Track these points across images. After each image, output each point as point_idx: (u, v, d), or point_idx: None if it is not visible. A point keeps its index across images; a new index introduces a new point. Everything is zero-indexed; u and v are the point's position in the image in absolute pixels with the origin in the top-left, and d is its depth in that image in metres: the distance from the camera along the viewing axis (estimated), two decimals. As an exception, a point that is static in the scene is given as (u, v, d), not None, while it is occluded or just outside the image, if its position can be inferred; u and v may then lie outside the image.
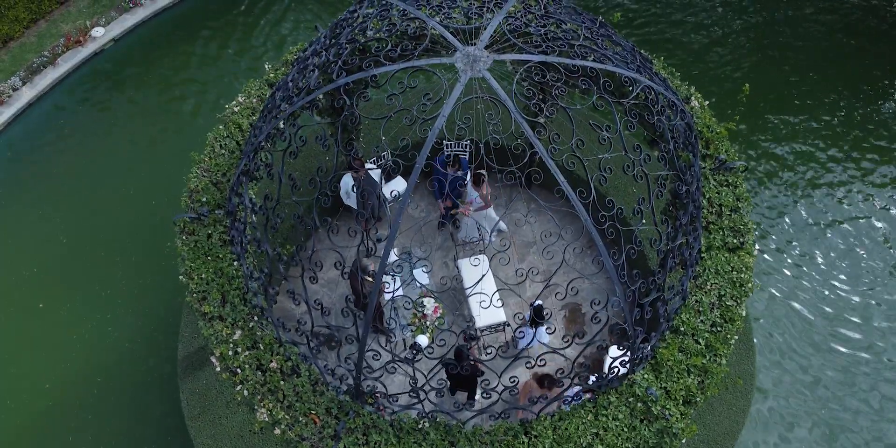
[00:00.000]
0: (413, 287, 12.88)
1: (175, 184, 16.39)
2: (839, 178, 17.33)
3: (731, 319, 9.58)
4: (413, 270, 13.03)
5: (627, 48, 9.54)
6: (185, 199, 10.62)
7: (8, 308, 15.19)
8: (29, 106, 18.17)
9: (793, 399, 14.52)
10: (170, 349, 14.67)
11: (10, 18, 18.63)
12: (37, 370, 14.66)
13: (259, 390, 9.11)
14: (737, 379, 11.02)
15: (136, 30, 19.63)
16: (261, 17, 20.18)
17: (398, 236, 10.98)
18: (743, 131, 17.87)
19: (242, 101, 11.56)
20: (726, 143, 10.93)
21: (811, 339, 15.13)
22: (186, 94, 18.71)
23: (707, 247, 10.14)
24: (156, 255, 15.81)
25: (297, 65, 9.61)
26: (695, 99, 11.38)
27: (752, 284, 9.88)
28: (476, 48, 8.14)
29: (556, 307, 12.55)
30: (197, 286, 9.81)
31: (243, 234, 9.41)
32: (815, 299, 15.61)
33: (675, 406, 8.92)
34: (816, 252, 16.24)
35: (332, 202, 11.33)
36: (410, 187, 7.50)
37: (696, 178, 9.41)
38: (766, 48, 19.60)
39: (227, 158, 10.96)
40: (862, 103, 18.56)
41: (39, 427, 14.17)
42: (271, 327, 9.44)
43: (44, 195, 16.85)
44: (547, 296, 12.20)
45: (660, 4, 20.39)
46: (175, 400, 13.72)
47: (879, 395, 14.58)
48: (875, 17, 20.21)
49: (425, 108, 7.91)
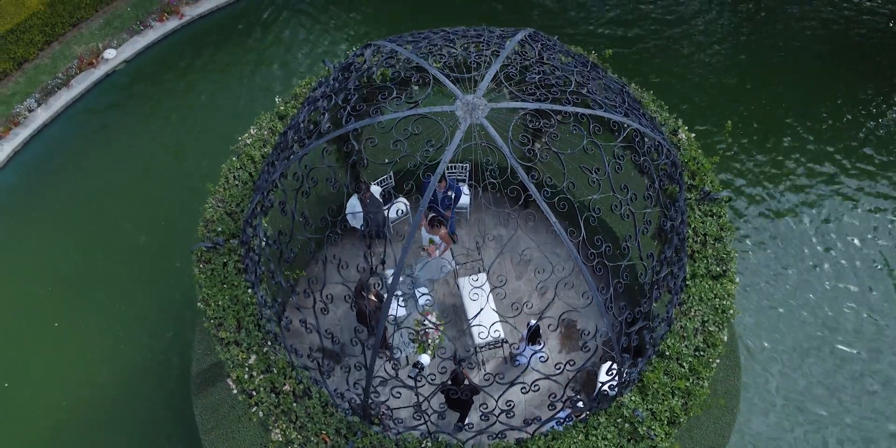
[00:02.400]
0: (414, 305, 13.53)
1: (184, 203, 17.18)
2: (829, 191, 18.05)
3: (713, 344, 10.25)
4: (415, 289, 13.68)
5: (616, 89, 10.21)
6: (201, 229, 11.27)
7: (26, 326, 15.84)
8: (44, 126, 18.84)
9: (776, 414, 15.18)
10: (181, 365, 15.37)
11: (25, 41, 19.29)
12: (54, 387, 15.29)
13: (273, 411, 9.78)
14: (719, 400, 11.65)
15: (146, 51, 20.30)
16: (264, 38, 20.84)
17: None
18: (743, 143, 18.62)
19: (254, 133, 12.22)
20: (711, 175, 11.59)
21: (799, 353, 15.81)
22: (196, 114, 19.37)
23: (692, 274, 10.80)
24: (166, 273, 16.48)
25: (307, 105, 10.28)
26: (682, 131, 12.05)
27: (733, 310, 10.55)
28: (475, 96, 8.80)
29: (552, 324, 13.16)
30: (214, 313, 10.47)
31: (258, 264, 10.08)
32: (802, 314, 16.29)
33: (660, 426, 9.59)
34: (807, 266, 16.91)
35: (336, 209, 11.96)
36: (413, 230, 8.15)
37: (681, 213, 10.08)
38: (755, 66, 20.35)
39: (241, 189, 11.61)
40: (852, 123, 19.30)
41: (56, 442, 14.80)
42: (284, 352, 10.10)
43: (58, 214, 17.50)
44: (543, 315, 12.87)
45: (652, 25, 21.09)
46: (187, 414, 14.38)
47: (862, 403, 15.28)
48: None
49: (428, 153, 8.60)
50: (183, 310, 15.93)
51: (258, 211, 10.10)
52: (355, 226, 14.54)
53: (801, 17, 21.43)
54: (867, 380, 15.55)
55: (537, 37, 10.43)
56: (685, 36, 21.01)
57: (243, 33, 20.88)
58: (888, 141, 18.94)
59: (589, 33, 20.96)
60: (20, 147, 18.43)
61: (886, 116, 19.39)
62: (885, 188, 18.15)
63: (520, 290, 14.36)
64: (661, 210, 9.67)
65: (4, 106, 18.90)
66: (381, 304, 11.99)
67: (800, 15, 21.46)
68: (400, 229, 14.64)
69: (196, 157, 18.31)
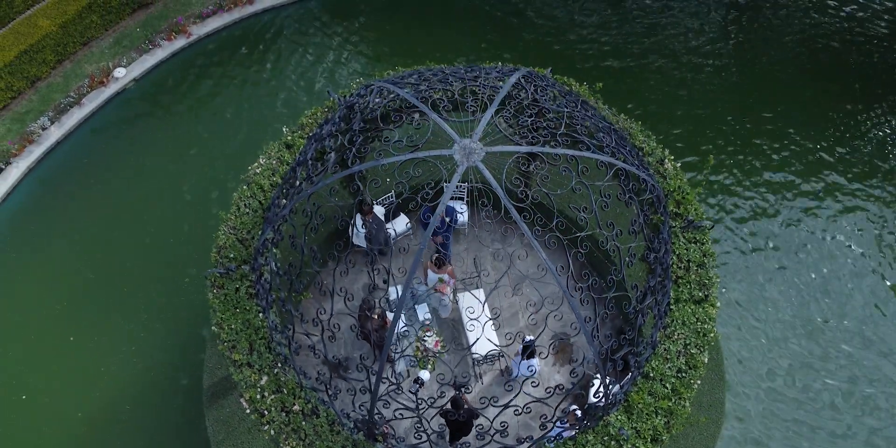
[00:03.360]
0: (415, 320, 14.25)
1: (192, 221, 17.91)
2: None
3: (694, 366, 10.97)
4: (416, 305, 14.39)
5: (605, 128, 10.89)
6: (214, 255, 11.96)
7: (43, 340, 16.59)
8: (57, 144, 19.53)
9: (760, 424, 15.95)
10: (191, 378, 16.13)
11: (38, 61, 19.95)
12: (70, 399, 16.05)
13: (284, 429, 10.51)
14: (700, 417, 12.38)
15: (155, 70, 20.96)
16: (268, 56, 21.51)
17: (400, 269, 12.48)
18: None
19: (263, 163, 12.90)
20: (695, 204, 12.29)
21: (782, 363, 16.58)
22: (204, 131, 20.06)
23: (675, 299, 11.52)
24: (175, 291, 17.24)
25: (314, 141, 10.96)
26: (668, 161, 12.73)
27: (714, 333, 11.27)
28: (471, 141, 9.49)
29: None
30: (227, 336, 11.19)
31: (268, 292, 10.79)
32: (786, 324, 17.05)
33: (643, 444, 10.32)
34: (791, 279, 17.66)
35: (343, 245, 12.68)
36: (415, 267, 8.86)
37: (665, 243, 10.77)
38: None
39: (252, 217, 12.30)
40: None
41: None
42: (293, 373, 10.82)
43: (72, 230, 18.23)
44: (538, 328, 13.58)
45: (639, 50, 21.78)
46: (197, 425, 15.17)
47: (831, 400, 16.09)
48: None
49: (428, 195, 9.30)
50: (193, 327, 16.69)
51: (269, 242, 10.80)
52: (360, 244, 15.27)
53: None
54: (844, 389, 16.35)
55: (531, 77, 11.11)
56: (673, 61, 21.72)
57: (248, 51, 21.55)
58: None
59: (585, 58, 21.63)
60: (34, 164, 19.12)
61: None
62: (870, 205, 18.91)
63: (515, 304, 15.07)
64: (646, 243, 10.37)
65: (19, 124, 19.59)
66: (384, 323, 12.72)
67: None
68: (402, 245, 15.31)
69: (203, 175, 19.02)
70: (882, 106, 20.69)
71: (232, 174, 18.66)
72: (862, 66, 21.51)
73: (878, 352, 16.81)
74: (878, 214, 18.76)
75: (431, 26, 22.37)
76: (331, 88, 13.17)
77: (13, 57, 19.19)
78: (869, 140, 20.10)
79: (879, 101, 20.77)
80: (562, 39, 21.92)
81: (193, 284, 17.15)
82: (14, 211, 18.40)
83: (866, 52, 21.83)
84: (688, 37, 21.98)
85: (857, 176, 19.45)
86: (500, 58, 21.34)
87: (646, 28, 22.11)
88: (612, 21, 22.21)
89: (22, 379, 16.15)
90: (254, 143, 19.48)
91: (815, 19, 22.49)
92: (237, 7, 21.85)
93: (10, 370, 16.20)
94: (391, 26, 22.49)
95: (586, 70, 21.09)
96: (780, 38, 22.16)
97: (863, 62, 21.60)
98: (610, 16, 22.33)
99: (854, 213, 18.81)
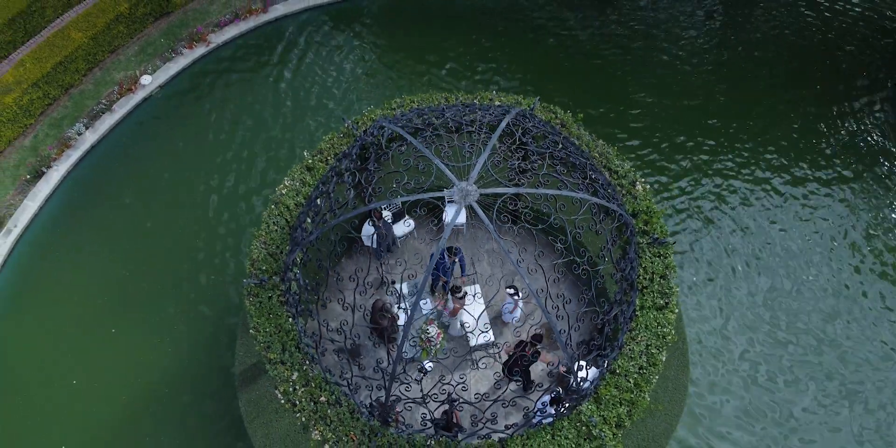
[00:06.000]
0: (420, 314, 16.36)
1: (218, 220, 19.92)
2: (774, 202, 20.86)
3: (653, 364, 13.13)
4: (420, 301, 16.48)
5: (581, 166, 12.84)
6: (249, 268, 14.02)
7: (89, 333, 18.75)
8: (92, 148, 21.41)
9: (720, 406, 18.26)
10: (221, 366, 18.33)
11: (71, 70, 21.70)
12: (114, 384, 18.25)
13: (312, 417, 12.72)
14: (658, 405, 14.59)
15: (177, 77, 22.70)
16: (281, 62, 23.26)
17: (408, 269, 14.50)
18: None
19: (288, 184, 14.84)
20: (661, 223, 14.28)
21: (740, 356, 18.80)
22: (223, 135, 21.92)
23: (640, 306, 13.61)
24: (202, 287, 19.32)
25: (334, 176, 12.92)
26: (639, 184, 14.69)
27: (671, 336, 13.40)
28: (467, 183, 11.46)
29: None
30: (263, 338, 13.33)
31: (297, 303, 12.89)
32: (745, 314, 19.23)
33: (609, 429, 12.54)
34: (749, 273, 19.79)
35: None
36: (421, 292, 10.93)
37: (631, 261, 12.83)
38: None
39: (279, 233, 14.32)
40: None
41: (119, 428, 17.84)
42: (320, 370, 12.99)
43: (107, 230, 20.22)
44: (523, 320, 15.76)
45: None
46: (228, 406, 17.44)
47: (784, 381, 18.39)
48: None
49: (431, 231, 11.33)
50: (222, 318, 18.82)
51: (297, 261, 12.86)
52: (370, 245, 17.35)
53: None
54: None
55: (521, 117, 13.01)
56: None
57: (265, 57, 23.30)
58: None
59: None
60: (72, 167, 21.03)
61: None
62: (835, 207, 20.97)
63: (507, 297, 17.19)
64: (614, 264, 12.42)
65: (56, 129, 21.45)
66: (394, 323, 14.82)
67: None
68: (408, 244, 17.26)
69: (227, 175, 20.97)
70: (847, 107, 22.59)
71: (254, 177, 20.73)
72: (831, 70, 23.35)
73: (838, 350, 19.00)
74: (843, 212, 20.81)
75: (434, 29, 24.08)
76: (345, 117, 15.00)
77: (50, 68, 20.95)
78: (837, 141, 22.07)
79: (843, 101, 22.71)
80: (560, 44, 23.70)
81: (217, 282, 19.26)
82: (56, 212, 20.38)
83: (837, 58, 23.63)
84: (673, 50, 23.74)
85: (825, 175, 21.45)
86: (496, 59, 23.23)
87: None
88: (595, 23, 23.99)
89: (73, 367, 18.34)
90: (274, 148, 21.49)
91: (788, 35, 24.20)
92: (252, 16, 23.49)
93: (62, 360, 18.40)
94: (395, 30, 24.19)
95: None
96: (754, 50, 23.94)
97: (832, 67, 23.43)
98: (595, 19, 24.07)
99: (818, 210, 20.87)
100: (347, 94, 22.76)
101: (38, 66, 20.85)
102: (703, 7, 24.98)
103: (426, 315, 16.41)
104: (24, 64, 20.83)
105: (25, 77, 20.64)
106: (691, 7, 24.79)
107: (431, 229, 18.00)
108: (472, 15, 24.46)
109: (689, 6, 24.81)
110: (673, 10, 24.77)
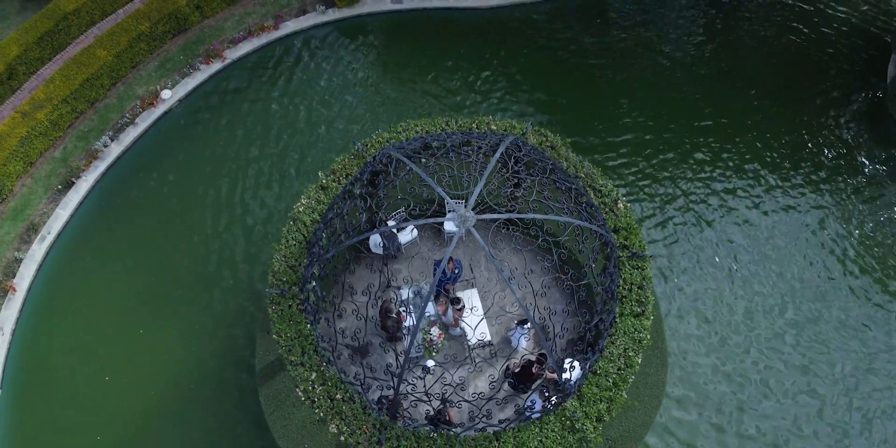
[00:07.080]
0: (424, 316, 18.02)
1: (237, 225, 21.59)
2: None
3: (630, 365, 14.83)
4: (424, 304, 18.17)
5: (567, 190, 14.46)
6: (271, 279, 15.68)
7: (119, 332, 20.48)
8: (117, 159, 23.01)
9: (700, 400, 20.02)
10: (243, 363, 20.04)
11: (97, 86, 23.26)
12: (143, 379, 20.02)
13: (329, 412, 14.45)
14: (634, 401, 16.33)
15: (195, 91, 24.24)
16: (292, 75, 24.80)
17: (412, 273, 16.13)
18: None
19: (305, 202, 16.46)
20: (640, 238, 15.91)
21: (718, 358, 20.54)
22: (237, 147, 23.50)
23: (620, 313, 15.28)
24: (222, 292, 20.99)
25: (348, 199, 14.54)
26: (621, 202, 16.31)
27: (646, 341, 15.09)
28: (466, 210, 13.10)
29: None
30: (284, 342, 15.03)
31: (315, 312, 14.57)
32: (720, 315, 20.95)
33: (590, 423, 14.27)
34: (726, 277, 21.49)
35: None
36: (422, 313, 12.61)
37: (611, 275, 14.49)
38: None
39: (297, 248, 15.97)
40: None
41: (149, 420, 19.63)
42: (335, 371, 14.71)
43: (134, 237, 21.90)
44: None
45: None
46: (250, 399, 19.15)
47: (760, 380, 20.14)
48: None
49: (433, 252, 12.99)
50: (241, 320, 20.52)
51: (315, 274, 14.53)
52: (377, 252, 19.02)
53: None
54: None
55: (515, 147, 14.61)
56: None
57: (277, 72, 24.84)
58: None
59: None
60: (100, 178, 22.64)
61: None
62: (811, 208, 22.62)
63: (504, 299, 18.89)
64: (594, 278, 14.09)
65: (83, 141, 23.05)
66: (399, 320, 16.44)
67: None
68: (412, 250, 18.86)
69: (242, 186, 22.61)
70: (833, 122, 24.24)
71: (270, 185, 22.35)
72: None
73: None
74: (829, 225, 22.51)
75: (438, 44, 25.63)
76: (355, 140, 16.58)
77: (78, 84, 22.52)
78: (826, 158, 23.73)
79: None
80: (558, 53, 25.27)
81: (237, 286, 20.95)
82: (87, 219, 22.05)
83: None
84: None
85: (798, 181, 23.11)
86: (491, 66, 24.77)
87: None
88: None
89: (105, 364, 20.08)
90: (287, 162, 23.05)
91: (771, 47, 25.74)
92: (265, 32, 24.99)
93: (96, 358, 20.15)
94: (400, 44, 25.71)
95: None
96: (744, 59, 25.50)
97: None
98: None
99: (788, 213, 22.53)
100: (355, 106, 24.26)
101: (66, 83, 22.42)
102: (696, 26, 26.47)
103: (429, 318, 18.10)
104: (53, 81, 22.40)
105: (55, 93, 22.21)
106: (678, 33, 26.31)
107: (432, 237, 19.69)
108: (473, 32, 25.96)
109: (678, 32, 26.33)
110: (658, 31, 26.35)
